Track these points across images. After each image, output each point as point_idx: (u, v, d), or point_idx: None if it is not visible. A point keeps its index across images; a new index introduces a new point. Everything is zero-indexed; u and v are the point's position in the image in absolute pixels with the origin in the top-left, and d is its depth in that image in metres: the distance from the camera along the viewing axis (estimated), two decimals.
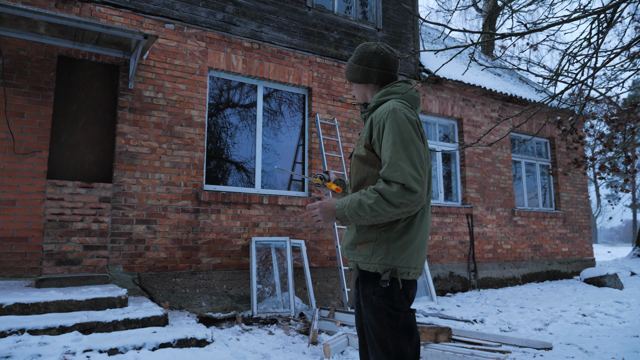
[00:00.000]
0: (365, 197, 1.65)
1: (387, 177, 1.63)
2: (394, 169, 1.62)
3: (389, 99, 1.84)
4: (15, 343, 3.20)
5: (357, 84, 1.99)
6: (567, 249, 9.53)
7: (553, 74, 3.79)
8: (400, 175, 1.60)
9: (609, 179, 29.02)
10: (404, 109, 1.73)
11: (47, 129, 4.88)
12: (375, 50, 1.93)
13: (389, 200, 1.59)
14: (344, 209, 1.70)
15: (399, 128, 1.67)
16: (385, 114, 1.72)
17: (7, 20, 4.51)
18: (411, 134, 1.67)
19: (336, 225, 5.96)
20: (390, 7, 7.71)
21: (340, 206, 1.71)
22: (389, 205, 1.60)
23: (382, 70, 1.93)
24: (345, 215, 1.69)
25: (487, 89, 8.52)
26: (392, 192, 1.59)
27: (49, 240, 4.77)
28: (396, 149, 1.64)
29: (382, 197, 1.61)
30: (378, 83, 1.95)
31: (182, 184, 5.52)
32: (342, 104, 6.95)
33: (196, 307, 5.37)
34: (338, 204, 1.73)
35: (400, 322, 1.67)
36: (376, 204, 1.61)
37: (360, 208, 1.64)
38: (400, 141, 1.65)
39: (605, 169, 9.41)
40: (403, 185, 1.59)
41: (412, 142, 1.66)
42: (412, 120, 1.71)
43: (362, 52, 1.96)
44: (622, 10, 3.05)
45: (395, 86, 1.89)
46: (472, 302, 6.72)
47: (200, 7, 5.91)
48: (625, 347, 4.14)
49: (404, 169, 1.60)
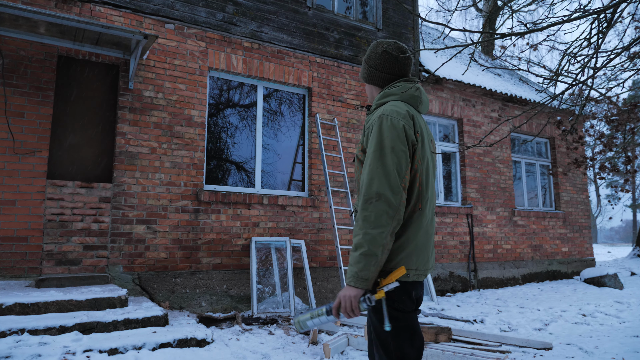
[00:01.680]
0: (355, 239, 1.64)
1: (363, 193, 1.65)
2: (369, 179, 1.65)
3: (386, 101, 1.84)
4: (15, 343, 3.20)
5: (366, 84, 2.03)
6: (567, 249, 9.53)
7: (553, 74, 3.79)
8: (374, 185, 1.63)
9: (609, 179, 29.03)
10: (393, 115, 1.71)
11: (47, 129, 4.88)
12: (381, 53, 1.91)
13: (369, 221, 1.60)
14: (352, 273, 1.62)
15: (381, 136, 1.68)
16: (373, 120, 1.75)
17: (7, 20, 4.51)
18: (393, 141, 1.67)
19: (336, 225, 5.96)
20: (390, 7, 7.71)
21: (348, 274, 1.64)
22: (371, 226, 1.60)
23: (384, 74, 1.92)
24: (356, 273, 1.61)
25: (487, 89, 8.52)
26: (367, 213, 1.61)
27: (49, 240, 4.77)
28: (375, 157, 1.66)
29: (360, 226, 1.62)
30: (380, 86, 1.95)
31: (182, 184, 5.52)
32: (342, 104, 6.95)
33: (196, 307, 5.37)
34: (347, 277, 1.65)
35: (400, 323, 1.67)
36: (363, 238, 1.60)
37: (360, 254, 1.60)
38: (380, 149, 1.67)
39: (605, 169, 9.41)
40: (378, 195, 1.61)
41: (392, 150, 1.66)
42: (398, 126, 1.69)
43: (371, 51, 1.96)
44: (622, 10, 3.04)
45: (394, 87, 1.87)
46: (472, 302, 6.72)
47: (200, 7, 5.91)
48: (625, 347, 4.14)
49: (379, 179, 1.63)
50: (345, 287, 1.64)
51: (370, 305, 1.59)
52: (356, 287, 1.60)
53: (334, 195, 6.52)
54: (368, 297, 1.60)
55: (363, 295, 1.61)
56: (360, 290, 1.60)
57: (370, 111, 1.91)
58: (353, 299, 1.60)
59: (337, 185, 6.58)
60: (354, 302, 1.60)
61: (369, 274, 1.59)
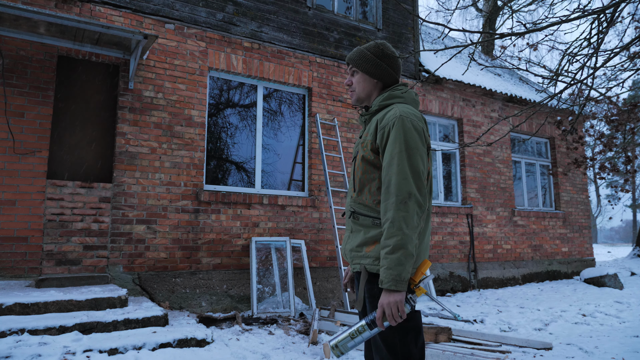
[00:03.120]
0: (390, 241, 1.59)
1: (395, 194, 1.62)
2: (400, 179, 1.63)
3: (391, 102, 1.84)
4: (15, 343, 3.20)
5: (368, 77, 1.92)
6: (567, 249, 9.53)
7: (553, 74, 3.79)
8: (406, 185, 1.63)
9: (609, 179, 29.02)
10: (412, 117, 1.73)
11: (47, 129, 4.88)
12: (392, 53, 1.93)
13: (405, 221, 1.59)
14: (393, 277, 1.56)
15: (405, 136, 1.68)
16: (392, 120, 1.72)
17: (7, 20, 4.52)
18: (416, 142, 1.69)
19: (336, 225, 5.96)
20: (390, 7, 7.71)
21: (388, 278, 1.57)
22: (407, 226, 1.59)
23: (395, 74, 1.93)
24: (397, 276, 1.56)
25: (487, 89, 8.52)
26: (403, 213, 1.60)
27: (49, 240, 4.77)
28: (402, 157, 1.66)
29: (397, 227, 1.59)
30: (385, 84, 1.94)
31: (182, 184, 5.53)
32: (342, 104, 6.95)
33: (196, 307, 5.37)
34: (386, 282, 1.57)
35: (409, 323, 1.67)
36: (402, 239, 1.57)
37: (401, 255, 1.57)
38: (405, 150, 1.66)
39: (605, 169, 9.41)
40: (409, 194, 1.62)
41: (417, 150, 1.68)
42: (418, 128, 1.72)
43: (379, 49, 1.92)
44: (622, 10, 3.04)
45: (397, 90, 1.88)
46: (472, 302, 6.72)
47: (200, 7, 5.91)
48: (625, 347, 4.14)
49: (409, 179, 1.63)
50: (384, 294, 1.58)
51: (414, 305, 1.58)
52: (398, 291, 1.56)
53: (334, 195, 6.52)
54: (410, 297, 1.58)
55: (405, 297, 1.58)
56: (403, 292, 1.57)
57: (370, 112, 1.89)
58: (399, 304, 1.55)
59: (337, 185, 6.58)
60: (401, 307, 1.55)
61: (408, 275, 1.58)
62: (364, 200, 1.80)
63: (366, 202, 1.79)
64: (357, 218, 1.82)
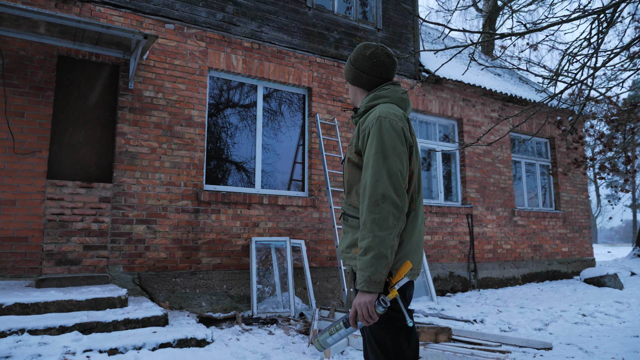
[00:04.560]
0: (362, 242, 1.60)
1: (369, 196, 1.62)
2: (374, 181, 1.62)
3: (377, 103, 1.84)
4: (15, 343, 3.20)
5: (349, 84, 2.02)
6: (567, 249, 9.53)
7: (553, 74, 3.79)
8: (380, 187, 1.61)
9: (609, 179, 29.04)
10: (391, 117, 1.71)
11: (47, 129, 4.88)
12: (369, 55, 1.90)
13: (378, 223, 1.58)
14: (364, 278, 1.58)
15: (382, 138, 1.67)
16: (371, 122, 1.73)
17: (7, 20, 4.52)
18: (394, 142, 1.66)
19: (336, 225, 5.97)
20: (390, 7, 7.71)
21: (360, 280, 1.59)
22: (380, 228, 1.58)
23: (372, 77, 1.91)
24: (369, 278, 1.57)
25: (487, 89, 8.52)
26: (376, 215, 1.59)
27: (49, 240, 4.77)
28: (377, 158, 1.64)
29: (369, 229, 1.59)
30: (367, 88, 1.94)
31: (182, 184, 5.53)
32: (342, 104, 6.95)
33: (196, 307, 5.37)
34: (358, 283, 1.60)
35: (398, 323, 1.68)
36: (373, 241, 1.58)
37: (371, 257, 1.57)
38: (382, 151, 1.65)
39: (605, 169, 9.42)
40: (383, 196, 1.60)
41: (394, 151, 1.65)
42: (397, 128, 1.69)
43: (358, 53, 1.94)
44: (622, 10, 3.05)
45: (383, 89, 1.87)
46: (472, 302, 6.72)
47: (200, 7, 5.91)
48: (625, 347, 4.15)
49: (382, 181, 1.61)
50: (358, 294, 1.61)
51: (386, 306, 1.58)
52: (370, 292, 1.58)
53: (334, 195, 6.52)
54: (382, 299, 1.59)
55: (377, 299, 1.59)
56: (375, 294, 1.58)
57: (358, 113, 1.90)
58: (369, 305, 1.57)
59: (337, 185, 6.58)
60: (370, 308, 1.57)
61: (381, 277, 1.57)
62: (352, 201, 1.81)
63: (354, 203, 1.80)
64: (347, 219, 1.83)
